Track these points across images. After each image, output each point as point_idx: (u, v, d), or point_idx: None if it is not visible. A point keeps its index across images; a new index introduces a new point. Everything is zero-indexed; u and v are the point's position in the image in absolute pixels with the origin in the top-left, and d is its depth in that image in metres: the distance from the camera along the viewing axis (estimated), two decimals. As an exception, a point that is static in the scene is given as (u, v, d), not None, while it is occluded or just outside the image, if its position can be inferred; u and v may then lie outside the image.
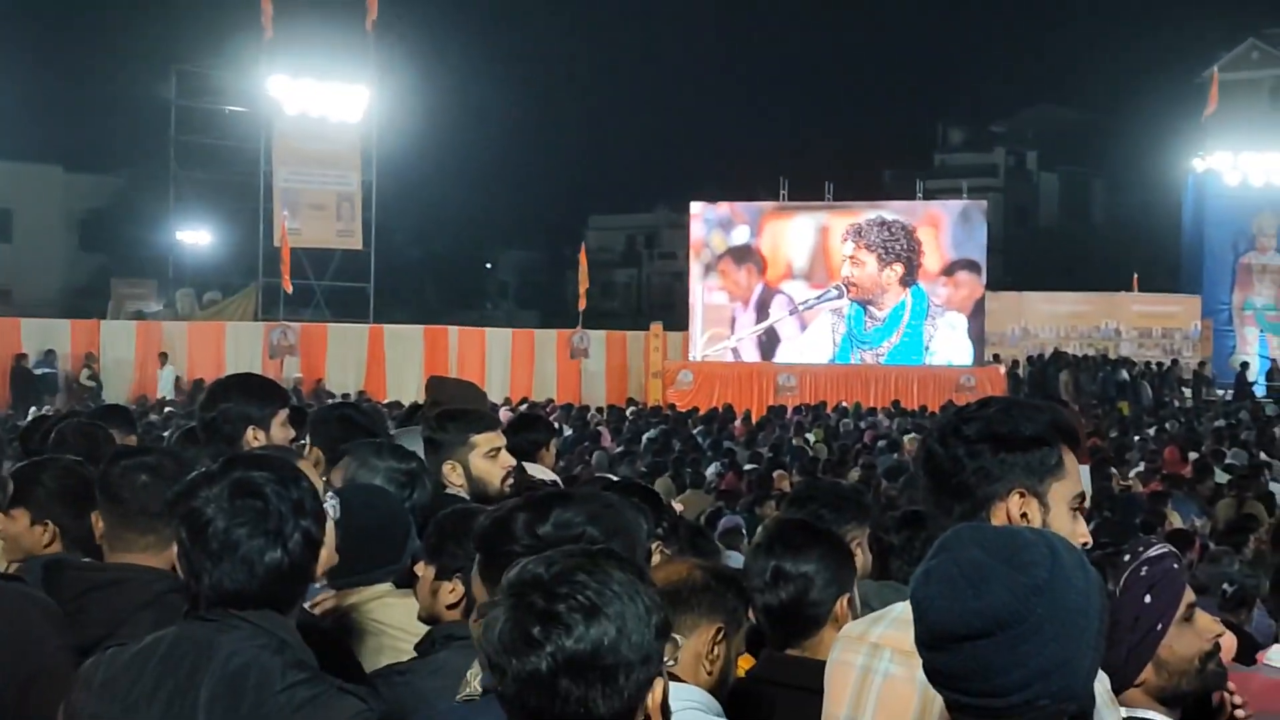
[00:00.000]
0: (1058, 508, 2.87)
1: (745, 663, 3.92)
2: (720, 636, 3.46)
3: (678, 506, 8.33)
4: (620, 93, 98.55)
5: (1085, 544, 2.86)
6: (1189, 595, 3.19)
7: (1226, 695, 3.27)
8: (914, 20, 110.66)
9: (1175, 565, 3.18)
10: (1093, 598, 2.29)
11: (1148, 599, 3.09)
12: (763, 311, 38.29)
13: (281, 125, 38.37)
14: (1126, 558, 3.16)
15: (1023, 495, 2.84)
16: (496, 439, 5.43)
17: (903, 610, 2.86)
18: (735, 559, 10.33)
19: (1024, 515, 2.83)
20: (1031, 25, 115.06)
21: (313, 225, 39.13)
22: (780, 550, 3.89)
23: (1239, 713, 3.25)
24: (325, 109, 38.76)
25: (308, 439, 5.85)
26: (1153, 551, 3.18)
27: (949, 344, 37.55)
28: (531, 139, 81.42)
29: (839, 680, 2.94)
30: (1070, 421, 2.98)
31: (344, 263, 40.99)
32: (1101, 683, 2.60)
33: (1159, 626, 3.11)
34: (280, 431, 5.19)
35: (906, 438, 22.32)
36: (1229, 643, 6.99)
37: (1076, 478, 2.93)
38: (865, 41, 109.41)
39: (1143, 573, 3.12)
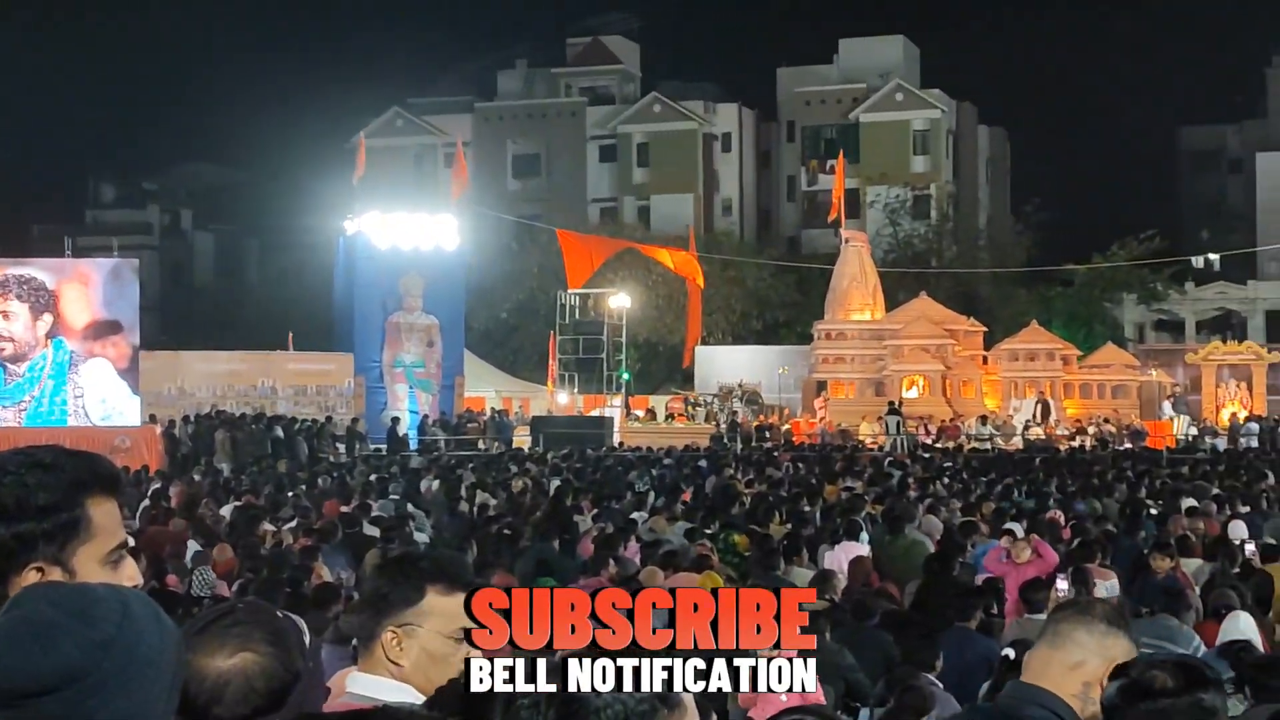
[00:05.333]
0: (86, 568, 2.67)
1: None
2: None
3: None
4: None
5: (136, 585, 2.72)
6: None
7: None
8: (66, 71, 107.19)
9: None
10: (166, 651, 2.29)
11: None
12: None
13: None
14: None
15: (41, 570, 2.62)
16: None
17: None
18: None
19: None
20: (184, 82, 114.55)
21: None
22: None
23: None
24: None
25: None
26: None
27: (95, 400, 36.49)
28: None
29: None
30: (104, 468, 2.78)
31: None
32: None
33: None
34: None
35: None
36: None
37: (112, 528, 2.74)
38: (11, 93, 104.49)
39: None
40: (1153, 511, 19.09)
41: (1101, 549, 14.11)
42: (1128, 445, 39.88)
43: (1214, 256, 57.50)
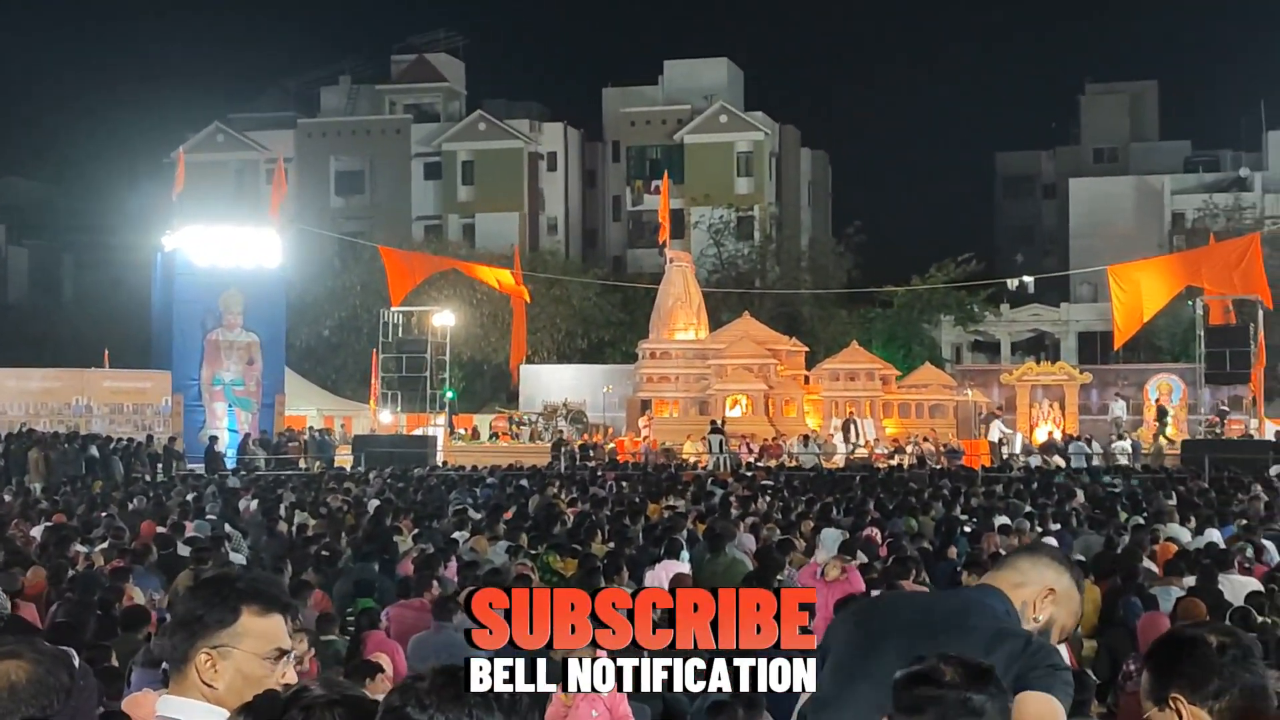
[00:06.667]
0: None
1: None
2: None
3: None
4: None
5: None
6: None
7: None
8: None
9: None
10: None
11: None
12: None
13: None
14: None
15: None
16: None
17: None
18: None
19: None
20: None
21: None
22: None
23: None
24: None
25: None
26: None
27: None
28: None
29: None
30: None
31: None
32: None
33: None
34: None
35: None
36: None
37: None
38: None
39: None
40: (967, 529, 19.50)
41: (917, 566, 14.39)
42: (944, 464, 40.69)
43: (1028, 279, 58.88)
